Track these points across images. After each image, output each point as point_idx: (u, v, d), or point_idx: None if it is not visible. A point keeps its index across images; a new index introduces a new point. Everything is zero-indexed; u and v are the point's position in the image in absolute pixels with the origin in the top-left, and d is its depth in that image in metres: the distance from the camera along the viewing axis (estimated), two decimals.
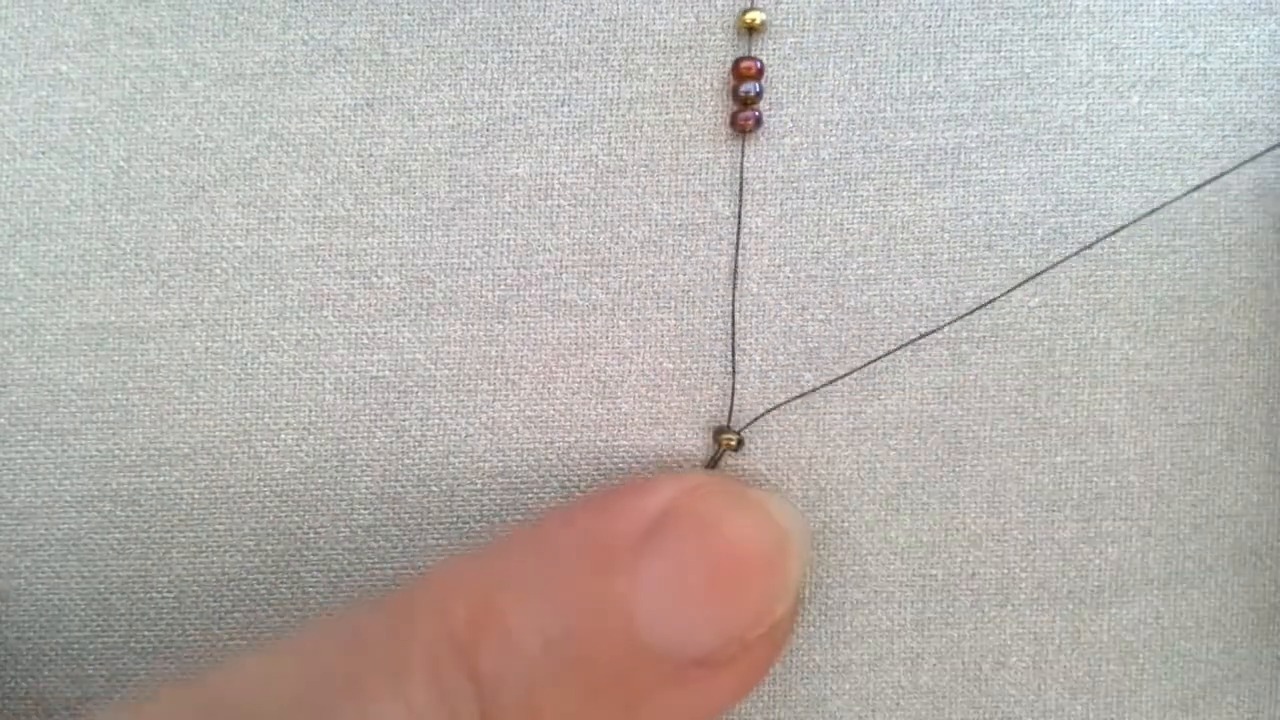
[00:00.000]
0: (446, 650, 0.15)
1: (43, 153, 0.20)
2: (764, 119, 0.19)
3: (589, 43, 0.20)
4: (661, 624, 0.17)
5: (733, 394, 0.20)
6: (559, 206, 0.20)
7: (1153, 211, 0.19)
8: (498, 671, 0.16)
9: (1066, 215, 0.20)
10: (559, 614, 0.16)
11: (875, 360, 0.20)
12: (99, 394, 0.20)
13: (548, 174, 0.20)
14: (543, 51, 0.20)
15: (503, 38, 0.20)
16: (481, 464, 0.20)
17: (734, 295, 0.20)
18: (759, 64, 0.19)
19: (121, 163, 0.20)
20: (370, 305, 0.20)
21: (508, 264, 0.20)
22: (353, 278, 0.20)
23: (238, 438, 0.20)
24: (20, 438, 0.20)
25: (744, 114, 0.19)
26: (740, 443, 0.19)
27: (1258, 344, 0.20)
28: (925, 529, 0.20)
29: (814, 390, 0.20)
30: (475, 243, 0.20)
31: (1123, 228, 0.18)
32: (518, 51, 0.20)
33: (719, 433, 0.20)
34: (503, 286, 0.20)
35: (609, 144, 0.20)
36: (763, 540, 0.17)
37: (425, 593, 0.16)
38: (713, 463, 0.20)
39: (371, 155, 0.20)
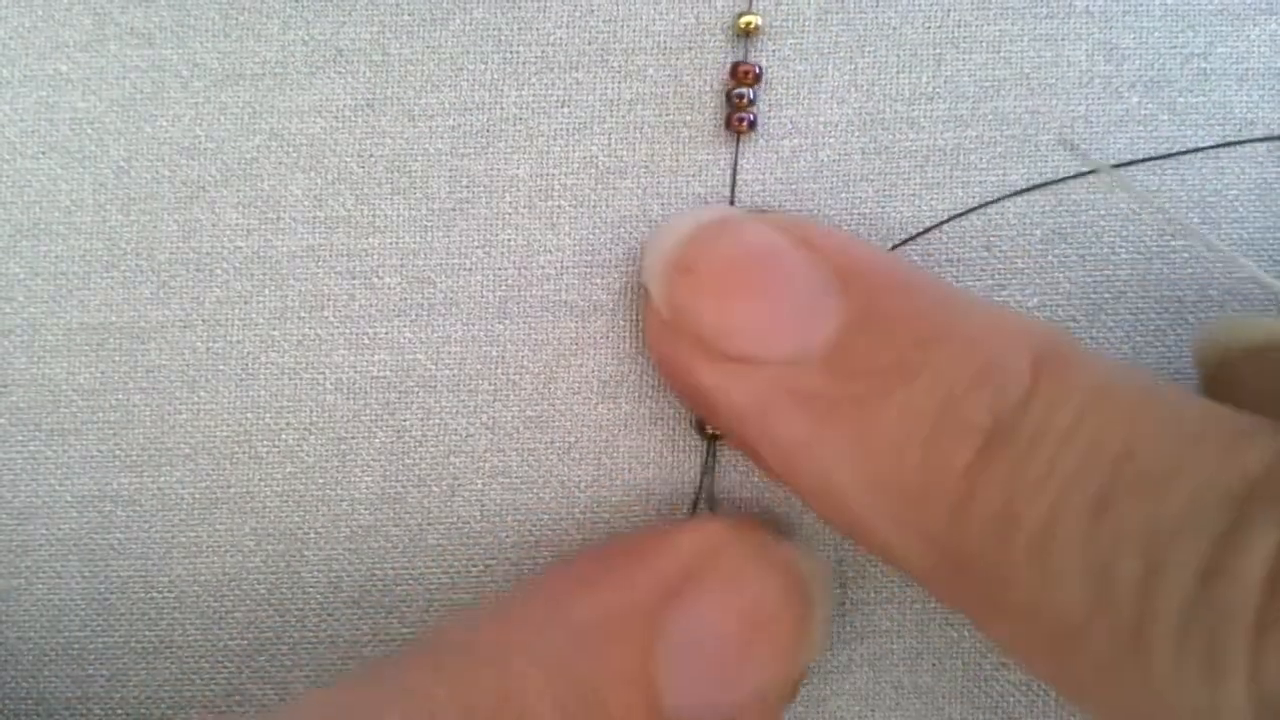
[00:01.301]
0: None
1: (43, 153, 0.20)
2: (758, 122, 0.19)
3: (589, 43, 0.20)
4: (684, 692, 0.16)
5: None
6: (559, 207, 0.20)
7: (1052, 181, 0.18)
8: None
9: (1066, 215, 0.20)
10: (581, 689, 0.16)
11: None
12: (99, 394, 0.20)
13: (548, 174, 0.20)
14: (543, 52, 0.20)
15: (503, 38, 0.20)
16: (481, 464, 0.20)
17: None
18: (757, 68, 0.19)
19: (121, 163, 0.20)
20: (371, 305, 0.20)
21: (508, 264, 0.20)
22: (353, 278, 0.20)
23: (238, 438, 0.20)
24: (20, 438, 0.20)
25: (737, 115, 0.19)
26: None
27: None
28: None
29: None
30: (476, 243, 0.20)
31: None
32: (518, 52, 0.20)
33: (702, 425, 0.19)
34: (503, 287, 0.20)
35: (609, 145, 0.20)
36: (787, 599, 0.17)
37: (448, 667, 0.16)
38: (708, 459, 0.20)
39: (372, 156, 0.20)
